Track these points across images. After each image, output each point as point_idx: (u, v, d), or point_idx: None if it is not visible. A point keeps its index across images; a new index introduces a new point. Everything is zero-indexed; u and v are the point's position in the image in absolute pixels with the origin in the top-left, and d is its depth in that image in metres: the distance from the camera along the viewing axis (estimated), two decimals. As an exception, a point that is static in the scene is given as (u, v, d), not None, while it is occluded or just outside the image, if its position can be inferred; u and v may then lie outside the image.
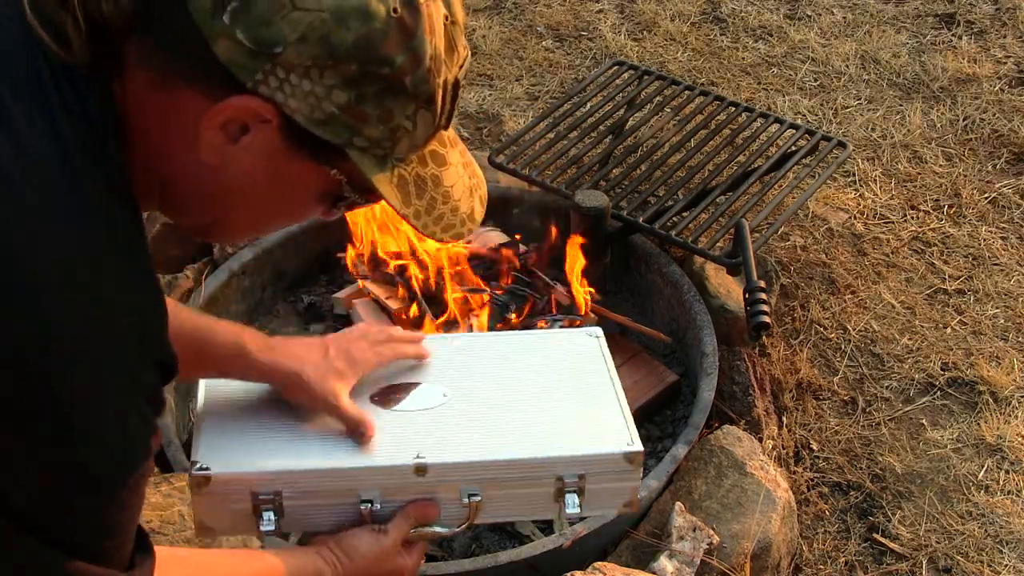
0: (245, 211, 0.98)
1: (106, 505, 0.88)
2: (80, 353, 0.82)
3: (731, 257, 2.37)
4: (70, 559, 0.87)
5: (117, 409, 0.85)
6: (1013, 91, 3.46)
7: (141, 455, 0.89)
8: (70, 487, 0.85)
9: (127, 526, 0.92)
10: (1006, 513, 2.23)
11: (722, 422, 2.27)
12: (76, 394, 0.82)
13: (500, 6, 3.91)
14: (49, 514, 0.85)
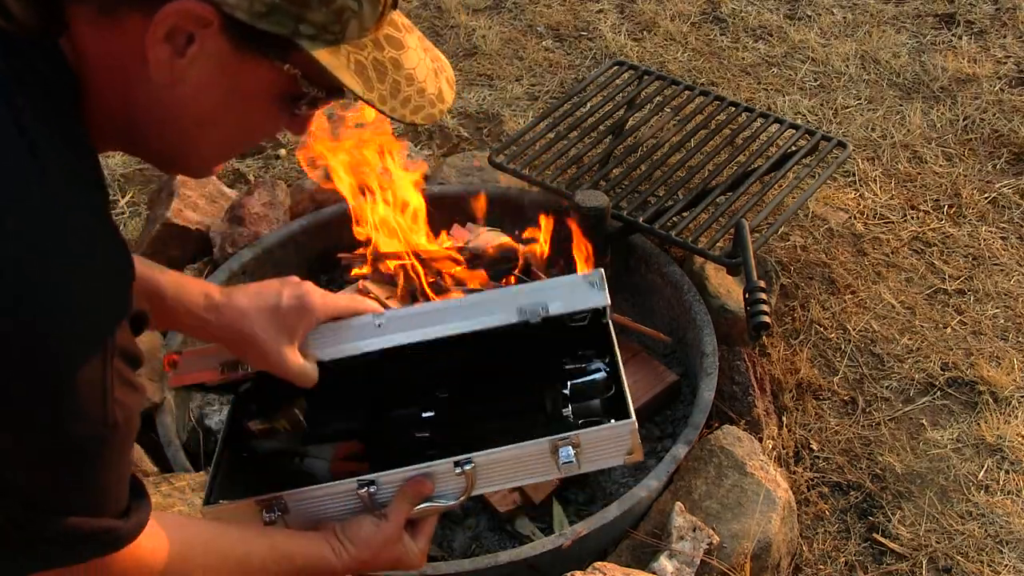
0: (207, 128, 0.96)
1: (94, 467, 0.89)
2: (50, 321, 0.81)
3: (731, 257, 2.37)
4: (62, 517, 0.88)
5: (94, 371, 0.85)
6: (1013, 91, 3.46)
7: (123, 414, 0.89)
8: (56, 453, 0.85)
9: (117, 483, 0.93)
10: (1006, 513, 2.23)
11: (722, 422, 2.27)
12: (50, 362, 0.82)
13: (500, 6, 3.91)
14: (38, 482, 0.86)
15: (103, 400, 0.86)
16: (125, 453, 0.93)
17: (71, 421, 0.85)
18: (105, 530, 0.93)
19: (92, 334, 0.85)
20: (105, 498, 0.93)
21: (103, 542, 0.94)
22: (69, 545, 0.91)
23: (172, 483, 1.98)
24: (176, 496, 1.96)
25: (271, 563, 1.18)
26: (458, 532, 2.11)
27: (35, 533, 0.89)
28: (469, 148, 3.20)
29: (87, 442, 0.87)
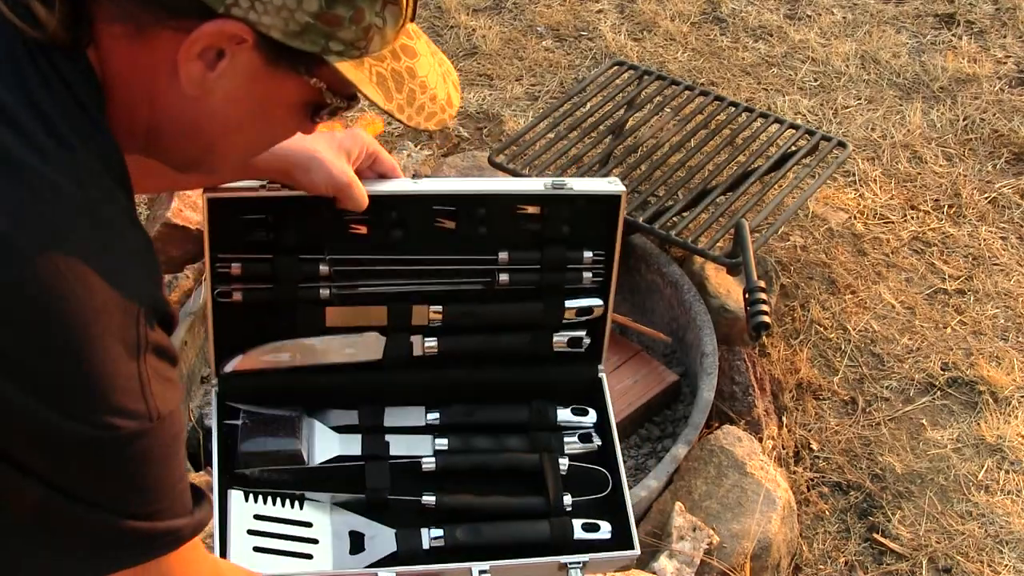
0: (232, 135, 0.99)
1: (148, 465, 0.90)
2: (85, 326, 0.82)
3: (731, 257, 2.37)
4: (127, 519, 0.89)
5: (128, 365, 0.86)
6: (1013, 91, 3.46)
7: (166, 407, 0.90)
8: (108, 453, 0.86)
9: (178, 482, 0.94)
10: (1006, 513, 2.23)
11: (722, 422, 2.27)
12: (86, 364, 0.83)
13: (500, 6, 3.91)
14: (99, 484, 0.87)
15: (142, 394, 0.87)
16: (178, 449, 0.94)
17: (114, 417, 0.85)
18: (169, 530, 0.94)
19: (126, 334, 0.86)
20: (166, 497, 0.94)
21: (166, 541, 0.95)
22: (135, 546, 0.92)
23: (172, 483, 1.98)
24: (176, 496, 1.96)
25: None
26: None
27: (102, 535, 0.90)
28: (469, 148, 3.20)
29: (135, 439, 0.87)
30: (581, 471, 1.48)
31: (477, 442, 1.48)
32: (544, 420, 1.50)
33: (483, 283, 1.46)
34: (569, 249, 1.45)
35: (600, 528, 1.44)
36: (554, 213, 1.43)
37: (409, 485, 1.45)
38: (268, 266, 1.39)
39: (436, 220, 1.42)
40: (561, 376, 1.52)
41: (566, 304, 1.47)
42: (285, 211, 1.37)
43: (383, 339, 1.45)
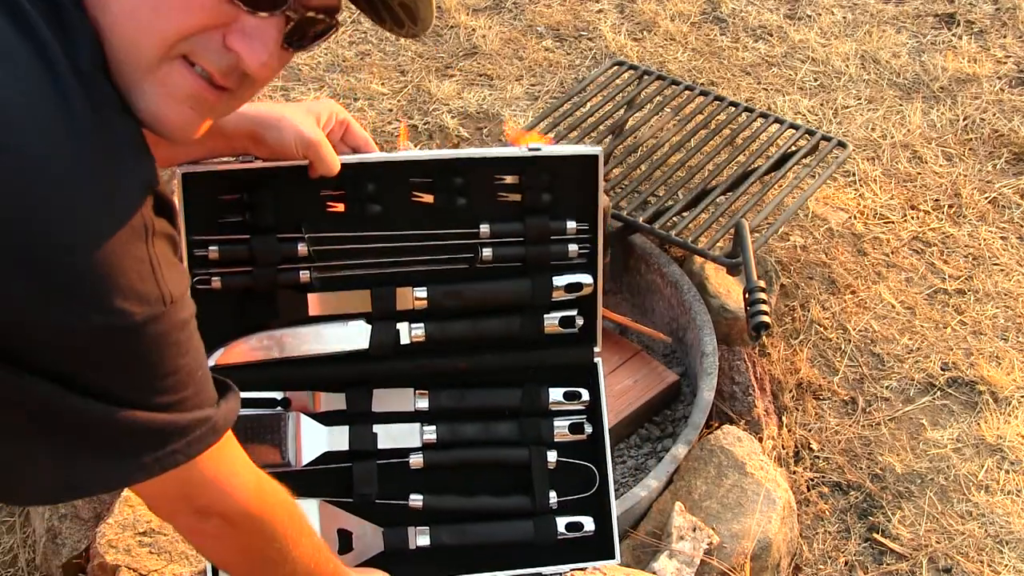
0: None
1: (167, 351, 0.90)
2: (85, 217, 0.83)
3: (731, 257, 2.37)
4: (153, 412, 0.90)
5: (138, 248, 0.86)
6: (1013, 91, 3.46)
7: (177, 290, 0.91)
8: (126, 345, 0.87)
9: (198, 370, 0.95)
10: (1006, 513, 2.23)
11: (722, 422, 2.27)
12: (98, 251, 0.83)
13: (500, 6, 3.91)
14: (120, 377, 0.88)
15: (154, 277, 0.88)
16: (192, 335, 0.95)
17: (127, 302, 0.85)
18: (198, 420, 0.95)
19: (125, 208, 0.86)
20: (190, 384, 0.94)
21: (202, 434, 0.95)
22: (171, 441, 0.92)
23: (172, 483, 1.98)
24: (176, 496, 1.96)
25: (325, 554, 1.24)
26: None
27: (133, 432, 0.90)
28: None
29: (150, 323, 0.88)
30: (569, 466, 1.47)
31: (466, 431, 1.46)
32: (535, 404, 1.47)
33: (466, 259, 1.43)
34: (552, 219, 1.43)
35: (583, 527, 1.44)
36: (532, 181, 1.41)
37: (397, 484, 1.45)
38: (246, 248, 1.37)
39: (413, 194, 1.40)
40: (555, 360, 1.49)
41: (554, 281, 1.45)
42: (261, 189, 1.36)
43: (369, 327, 1.43)
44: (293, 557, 1.15)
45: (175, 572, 1.85)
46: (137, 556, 1.86)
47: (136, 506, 1.93)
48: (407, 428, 1.46)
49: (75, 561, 1.99)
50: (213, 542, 1.10)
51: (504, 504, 1.47)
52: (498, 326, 1.46)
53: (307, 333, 1.43)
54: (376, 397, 1.46)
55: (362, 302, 1.43)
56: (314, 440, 1.43)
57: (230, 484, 1.04)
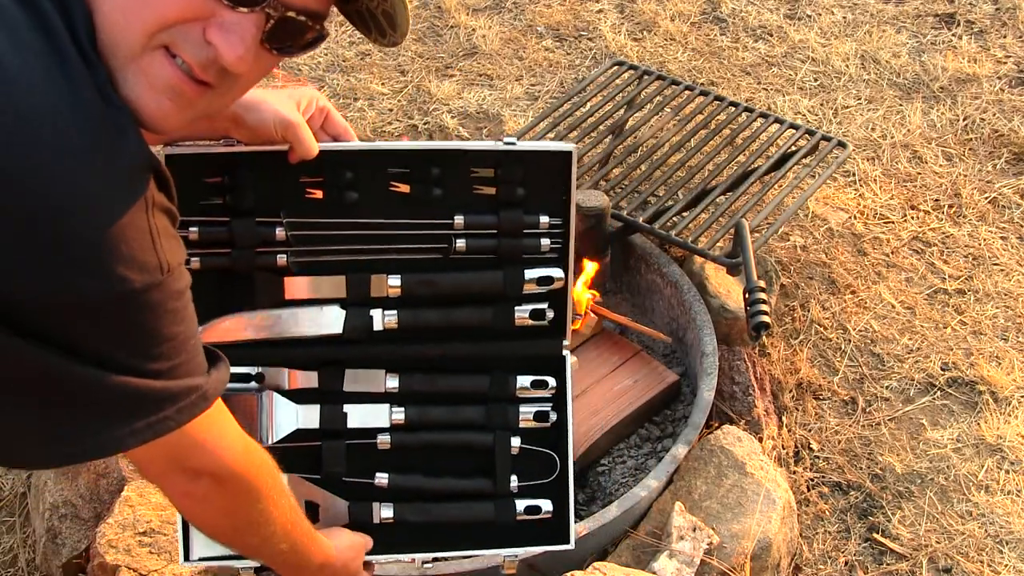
0: None
1: (162, 320, 0.93)
2: (89, 184, 0.86)
3: (731, 257, 2.37)
4: (145, 378, 0.93)
5: (138, 218, 0.89)
6: (1013, 91, 3.46)
7: (175, 260, 0.94)
8: (122, 309, 0.90)
9: (189, 337, 0.98)
10: (1006, 513, 2.23)
11: (722, 422, 2.27)
12: (99, 220, 0.86)
13: (500, 6, 3.91)
14: (114, 344, 0.91)
15: (153, 247, 0.91)
16: (187, 304, 0.98)
17: (127, 270, 0.88)
18: (189, 388, 0.98)
19: (128, 179, 0.89)
20: (182, 353, 0.97)
21: (192, 401, 0.99)
22: (161, 407, 0.96)
23: (172, 483, 1.98)
24: (176, 496, 1.96)
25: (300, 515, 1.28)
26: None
27: (124, 397, 0.93)
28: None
29: (148, 291, 0.91)
30: (532, 452, 1.51)
31: (434, 414, 1.50)
32: (503, 391, 1.51)
33: (440, 250, 1.46)
34: (525, 213, 1.46)
35: (541, 510, 1.50)
36: (507, 174, 1.44)
37: (364, 463, 1.49)
38: (225, 230, 1.40)
39: (391, 184, 1.43)
40: (524, 351, 1.52)
41: (525, 274, 1.48)
42: (242, 173, 1.38)
43: (343, 313, 1.46)
44: (273, 518, 1.20)
45: (175, 572, 1.85)
46: (137, 556, 1.86)
47: (136, 506, 1.93)
48: (377, 408, 1.49)
49: (75, 561, 1.99)
50: (201, 505, 1.14)
51: (467, 486, 1.51)
52: (470, 316, 1.49)
53: (283, 316, 1.45)
54: (348, 377, 1.50)
55: (337, 288, 1.46)
56: (285, 418, 1.46)
57: (219, 446, 1.08)
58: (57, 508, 2.03)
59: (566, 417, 1.51)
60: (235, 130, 1.33)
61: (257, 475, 1.15)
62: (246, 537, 1.21)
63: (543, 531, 1.51)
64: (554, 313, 1.50)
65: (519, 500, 1.50)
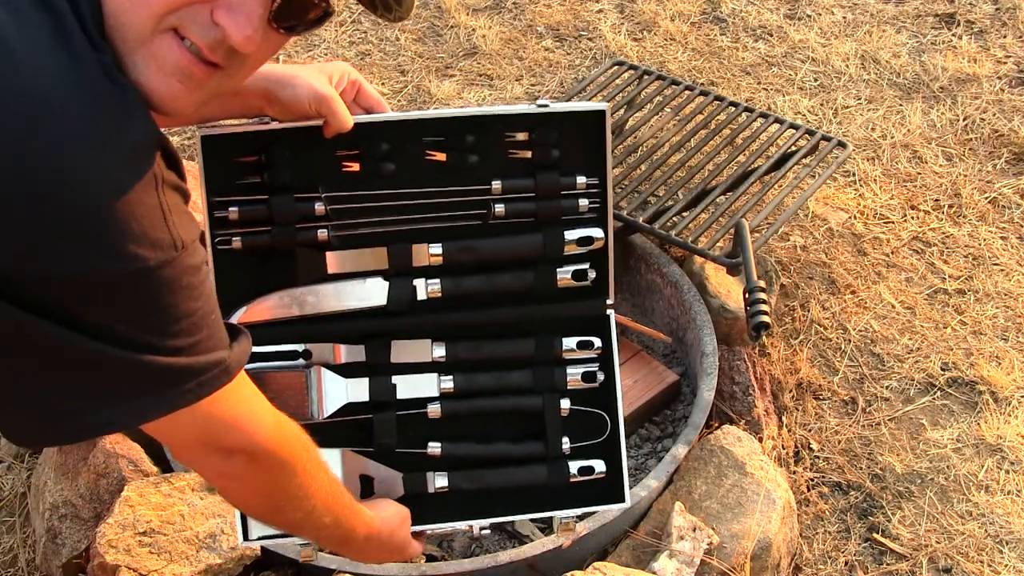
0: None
1: (179, 296, 0.94)
2: (98, 163, 0.86)
3: (731, 257, 2.37)
4: (167, 356, 0.94)
5: (149, 196, 0.90)
6: (1013, 91, 3.46)
7: (188, 237, 0.94)
8: (137, 286, 0.90)
9: (208, 313, 0.99)
10: (1006, 513, 2.23)
11: (722, 422, 2.27)
12: (110, 199, 0.87)
13: (500, 6, 3.91)
14: (132, 326, 0.91)
15: (165, 223, 0.91)
16: (204, 279, 0.98)
17: (140, 247, 0.88)
18: (212, 362, 0.98)
19: (136, 157, 0.89)
20: (203, 328, 0.97)
21: (214, 374, 0.99)
22: (184, 381, 0.96)
23: (172, 483, 1.98)
24: (176, 496, 1.96)
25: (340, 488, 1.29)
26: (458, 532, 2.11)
27: (148, 375, 0.93)
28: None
29: (162, 268, 0.91)
30: (581, 413, 1.51)
31: (482, 380, 1.50)
32: (549, 354, 1.51)
33: (479, 216, 1.47)
34: (562, 175, 1.47)
35: (595, 470, 1.49)
36: (542, 137, 1.45)
37: (416, 433, 1.49)
38: (265, 208, 1.40)
39: (426, 153, 1.43)
40: (567, 312, 1.52)
41: (565, 235, 1.48)
42: (278, 150, 1.39)
43: (386, 284, 1.46)
44: (312, 491, 1.19)
45: (175, 572, 1.85)
46: (137, 556, 1.86)
47: (136, 506, 1.93)
48: (425, 378, 1.49)
49: (75, 561, 1.99)
50: (239, 483, 1.13)
51: (519, 450, 1.51)
52: (512, 280, 1.49)
53: (326, 291, 1.46)
54: (394, 348, 1.50)
55: (379, 259, 1.47)
56: (335, 392, 1.46)
57: (250, 422, 1.08)
58: (57, 508, 2.03)
59: (614, 376, 1.51)
60: (268, 107, 1.33)
61: (291, 450, 1.15)
62: (287, 513, 1.20)
63: (597, 492, 1.51)
64: (596, 273, 1.50)
65: (572, 462, 1.49)
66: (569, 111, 1.46)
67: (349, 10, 3.86)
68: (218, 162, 1.38)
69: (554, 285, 1.49)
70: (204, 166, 1.38)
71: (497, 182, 1.45)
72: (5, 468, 2.34)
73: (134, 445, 2.08)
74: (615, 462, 1.50)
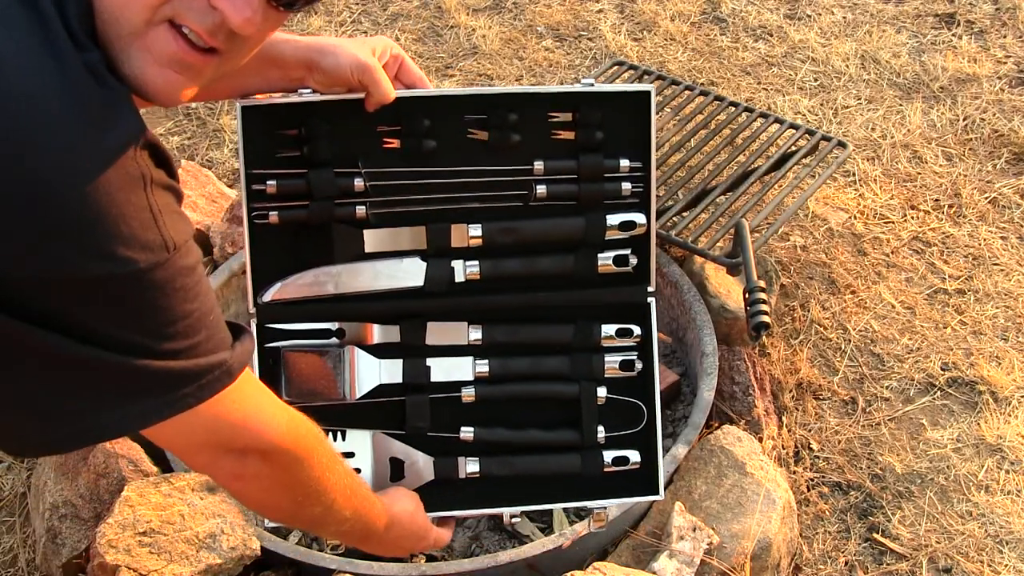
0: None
1: (175, 298, 0.92)
2: (81, 163, 0.85)
3: (731, 257, 2.37)
4: (171, 361, 0.92)
5: (137, 196, 0.88)
6: (1013, 91, 3.46)
7: (180, 238, 0.92)
8: (132, 293, 0.89)
9: (206, 314, 0.96)
10: (1006, 513, 2.23)
11: (722, 422, 2.27)
12: (97, 201, 0.85)
13: (500, 6, 3.91)
14: (128, 329, 0.90)
15: (156, 224, 0.89)
16: (199, 280, 0.96)
17: (129, 249, 0.87)
18: (213, 365, 0.96)
19: (121, 157, 0.87)
20: (201, 330, 0.95)
21: (216, 376, 0.97)
22: (185, 385, 0.95)
23: (172, 483, 1.98)
24: (176, 496, 1.96)
25: (358, 481, 1.27)
26: (458, 532, 2.11)
27: (148, 380, 0.92)
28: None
29: (155, 270, 0.89)
30: (618, 402, 1.49)
31: (518, 365, 1.47)
32: (587, 340, 1.48)
33: (520, 196, 1.43)
34: (605, 157, 1.44)
35: (629, 460, 1.46)
36: (586, 118, 1.42)
37: (449, 417, 1.46)
38: (303, 182, 1.38)
39: (468, 131, 1.41)
40: (607, 298, 1.49)
41: (607, 220, 1.45)
42: (318, 123, 1.37)
43: (424, 264, 1.44)
44: (330, 486, 1.17)
45: (175, 572, 1.85)
46: (137, 556, 1.86)
47: (136, 506, 1.93)
48: (460, 361, 1.47)
49: (75, 561, 1.99)
50: (254, 484, 1.11)
51: (553, 437, 1.48)
52: (552, 264, 1.46)
53: (363, 269, 1.43)
54: (430, 330, 1.47)
55: (417, 239, 1.44)
56: (368, 373, 1.44)
57: (259, 420, 1.06)
58: (57, 508, 2.04)
59: (652, 365, 1.48)
60: (310, 76, 1.31)
61: (305, 445, 1.13)
62: (307, 509, 1.17)
63: (631, 482, 1.48)
64: (637, 259, 1.48)
65: (606, 451, 1.46)
66: (614, 91, 1.43)
67: (349, 10, 3.86)
68: (257, 134, 1.36)
69: (594, 270, 1.46)
70: (243, 138, 1.35)
71: (539, 162, 1.42)
72: (5, 468, 2.34)
73: (134, 445, 2.08)
74: (650, 453, 1.47)
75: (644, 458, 1.47)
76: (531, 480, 1.46)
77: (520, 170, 1.43)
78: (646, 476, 1.48)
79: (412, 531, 1.36)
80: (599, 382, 1.48)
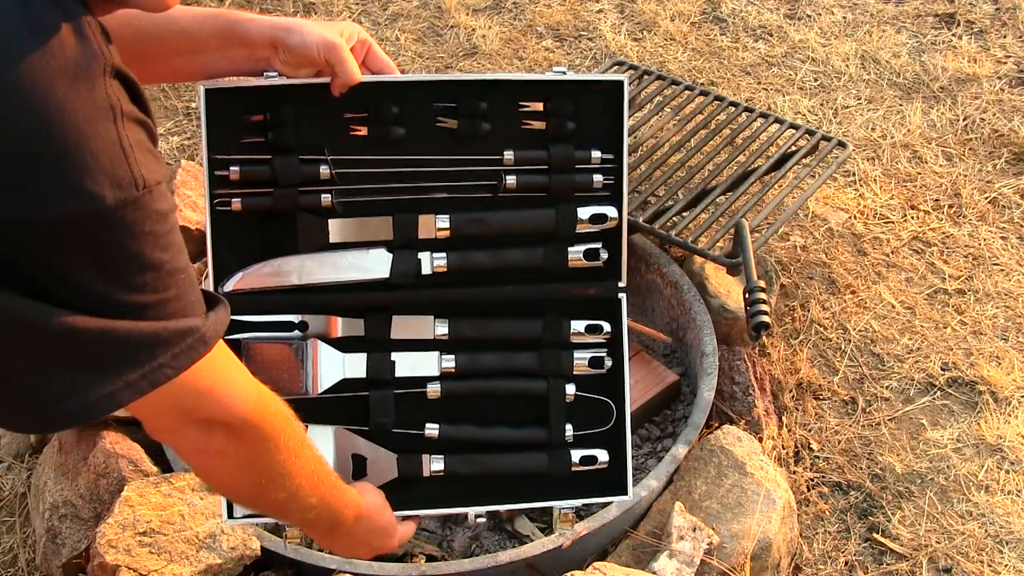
0: None
1: (145, 244, 0.86)
2: (44, 90, 0.80)
3: (731, 257, 2.37)
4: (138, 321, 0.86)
5: (106, 129, 0.82)
6: (1013, 91, 3.46)
7: (152, 178, 0.87)
8: (97, 233, 0.83)
9: (178, 270, 0.91)
10: (1006, 513, 2.23)
11: (722, 422, 2.27)
12: (62, 129, 0.80)
13: (500, 6, 3.91)
14: (90, 276, 0.84)
15: (126, 159, 0.83)
16: (172, 230, 0.90)
17: (95, 184, 0.81)
18: (185, 329, 0.91)
19: (88, 85, 0.82)
20: (171, 286, 0.90)
21: (189, 344, 0.92)
22: (155, 351, 0.89)
23: (172, 483, 1.98)
24: (176, 496, 1.96)
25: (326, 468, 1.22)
26: (458, 532, 2.11)
27: (110, 345, 0.86)
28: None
29: (123, 208, 0.83)
30: (586, 400, 1.46)
31: (485, 361, 1.45)
32: (556, 336, 1.45)
33: (490, 187, 1.41)
34: (576, 148, 1.42)
35: (597, 460, 1.44)
36: (557, 107, 1.41)
37: (413, 413, 1.44)
38: (268, 168, 1.35)
39: (437, 119, 1.39)
40: (577, 294, 1.46)
41: (578, 212, 1.42)
42: (283, 109, 1.34)
43: (390, 256, 1.41)
44: (296, 470, 1.13)
45: (175, 572, 1.85)
46: (137, 556, 1.86)
47: (136, 506, 1.93)
48: (426, 356, 1.44)
49: (75, 561, 1.99)
50: (218, 460, 1.06)
51: (520, 435, 1.46)
52: (521, 257, 1.43)
53: (327, 260, 1.40)
54: (395, 324, 1.44)
55: (383, 229, 1.41)
56: (331, 367, 1.41)
57: (228, 393, 1.01)
58: (57, 508, 2.04)
59: (622, 363, 1.45)
60: (275, 56, 1.28)
61: (273, 424, 1.08)
62: (271, 493, 1.12)
63: (599, 482, 1.45)
64: (608, 253, 1.44)
65: (574, 450, 1.44)
66: (586, 80, 1.40)
67: (349, 10, 3.86)
68: (221, 118, 1.33)
69: (564, 264, 1.43)
70: (207, 122, 1.32)
71: (509, 152, 1.40)
72: (5, 468, 2.34)
73: (134, 445, 2.08)
74: (619, 453, 1.45)
75: (612, 457, 1.45)
76: (497, 479, 1.44)
77: (490, 160, 1.41)
78: (614, 476, 1.45)
79: (381, 526, 1.33)
80: (568, 379, 1.45)
